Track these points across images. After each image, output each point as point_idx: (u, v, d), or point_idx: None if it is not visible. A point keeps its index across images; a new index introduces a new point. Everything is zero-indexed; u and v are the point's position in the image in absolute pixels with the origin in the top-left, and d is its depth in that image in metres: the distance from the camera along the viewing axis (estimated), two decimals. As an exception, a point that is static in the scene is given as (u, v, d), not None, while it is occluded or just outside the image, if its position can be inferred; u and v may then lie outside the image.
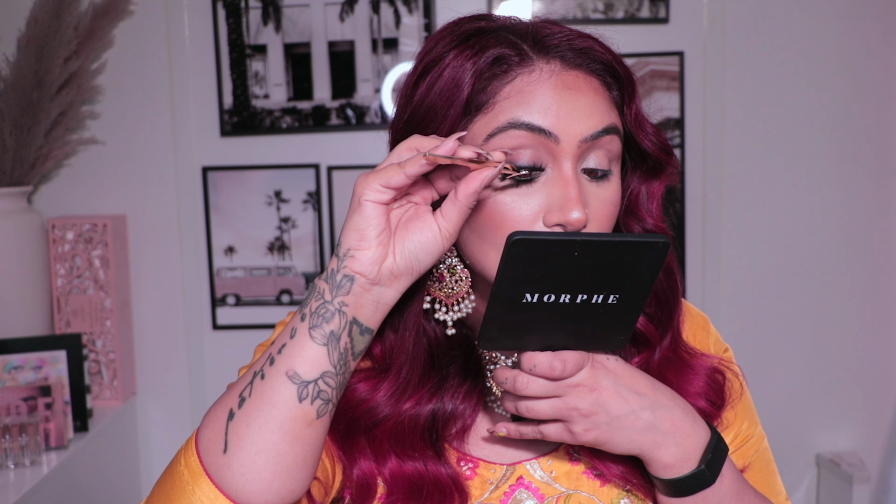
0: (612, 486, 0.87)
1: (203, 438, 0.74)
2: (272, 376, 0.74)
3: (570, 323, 0.74)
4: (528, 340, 0.75)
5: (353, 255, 0.73)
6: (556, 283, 0.70)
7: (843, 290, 2.22)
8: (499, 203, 0.79)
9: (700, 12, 2.11)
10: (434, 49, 0.83)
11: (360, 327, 0.75)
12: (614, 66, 0.82)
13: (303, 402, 0.73)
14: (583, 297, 0.71)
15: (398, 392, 0.85)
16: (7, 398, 1.75)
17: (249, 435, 0.72)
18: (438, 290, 0.85)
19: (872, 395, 2.25)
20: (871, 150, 2.18)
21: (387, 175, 0.72)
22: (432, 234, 0.75)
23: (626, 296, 0.72)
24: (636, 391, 0.79)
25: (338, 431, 0.85)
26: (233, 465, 0.72)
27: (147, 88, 2.12)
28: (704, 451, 0.80)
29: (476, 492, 0.86)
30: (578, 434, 0.78)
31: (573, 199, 0.77)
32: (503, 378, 0.79)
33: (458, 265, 0.85)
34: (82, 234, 2.01)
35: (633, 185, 0.88)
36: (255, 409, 0.73)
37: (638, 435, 0.79)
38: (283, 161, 2.13)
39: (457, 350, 0.88)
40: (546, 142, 0.77)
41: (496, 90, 0.79)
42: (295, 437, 0.73)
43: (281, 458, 0.73)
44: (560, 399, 0.77)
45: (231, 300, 2.17)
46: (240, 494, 0.72)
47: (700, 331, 0.96)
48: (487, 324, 0.73)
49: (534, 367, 0.76)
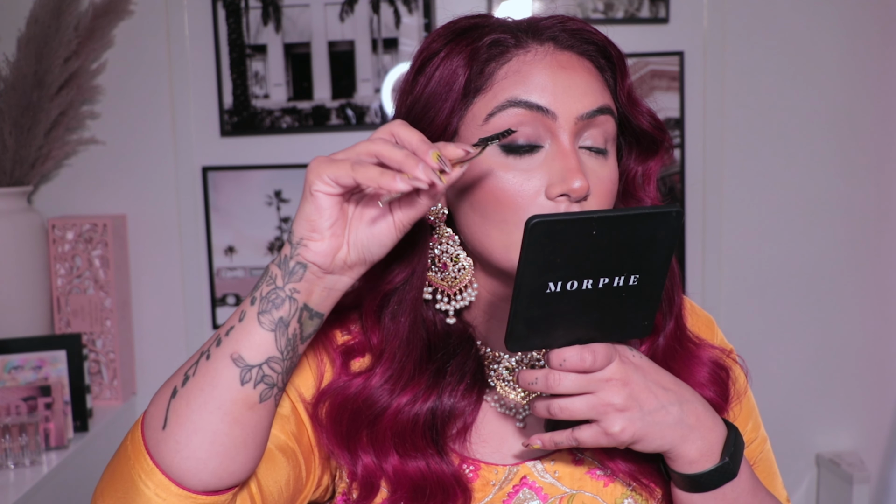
0: (616, 486, 0.87)
1: (147, 415, 0.75)
2: (217, 358, 0.73)
3: (594, 312, 0.73)
4: (555, 336, 0.75)
5: (305, 245, 0.72)
6: (578, 268, 0.70)
7: (843, 289, 2.22)
8: (500, 180, 0.79)
9: (700, 12, 2.11)
10: (431, 46, 0.84)
11: (311, 312, 0.75)
12: (605, 46, 0.84)
13: (245, 385, 0.73)
14: (605, 280, 0.71)
15: (393, 378, 0.84)
16: (7, 398, 1.75)
17: (188, 413, 0.72)
18: (441, 280, 0.85)
19: (872, 395, 2.25)
20: (871, 149, 2.19)
21: (337, 171, 0.70)
22: (386, 227, 0.74)
23: (646, 274, 0.72)
24: (663, 386, 0.79)
25: (340, 431, 0.84)
26: (169, 442, 0.72)
27: (147, 88, 2.11)
28: (725, 444, 0.80)
29: (479, 494, 0.86)
30: (616, 434, 0.76)
31: (574, 169, 0.78)
32: (532, 379, 0.77)
33: (461, 253, 0.85)
34: (82, 234, 2.01)
35: (630, 166, 0.89)
36: (197, 389, 0.73)
37: (668, 430, 0.78)
38: (283, 161, 2.13)
39: (455, 341, 0.87)
40: (544, 119, 0.79)
41: (493, 71, 0.81)
42: (234, 420, 0.73)
43: (218, 439, 0.73)
44: (594, 395, 0.76)
45: (231, 300, 2.17)
46: (174, 471, 0.72)
47: (705, 330, 0.97)
48: (514, 321, 0.72)
49: (563, 361, 0.75)
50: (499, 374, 0.89)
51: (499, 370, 0.89)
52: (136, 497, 0.72)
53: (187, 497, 0.72)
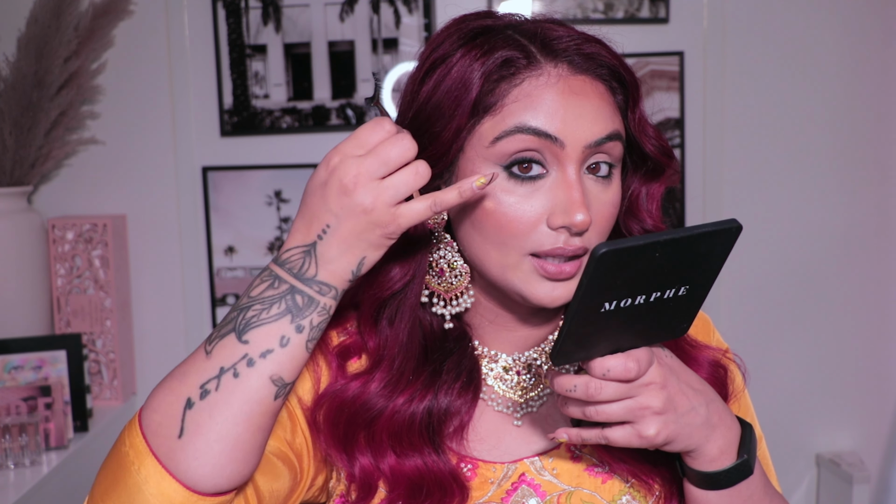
0: (614, 483, 0.87)
1: (151, 422, 0.74)
2: (251, 377, 0.73)
3: (641, 322, 0.73)
4: (599, 348, 0.74)
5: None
6: (635, 287, 0.69)
7: (843, 290, 2.22)
8: (503, 204, 0.79)
9: (700, 12, 2.11)
10: (441, 46, 0.83)
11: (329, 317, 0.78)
12: (620, 71, 0.83)
13: (277, 399, 0.75)
14: (657, 294, 0.71)
15: (391, 383, 0.85)
16: (7, 398, 1.75)
17: (212, 425, 0.72)
18: (437, 285, 0.85)
19: (872, 395, 2.25)
20: (870, 149, 2.19)
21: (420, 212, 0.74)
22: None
23: (696, 284, 0.72)
24: (692, 387, 0.79)
25: (337, 434, 0.85)
26: (187, 450, 0.72)
27: (147, 88, 2.11)
28: (741, 442, 0.81)
29: (477, 492, 0.86)
30: (651, 437, 0.75)
31: (577, 202, 0.78)
32: (571, 386, 0.75)
33: (459, 260, 0.85)
34: (82, 234, 2.01)
35: (634, 186, 0.88)
36: (224, 404, 0.73)
37: (696, 430, 0.78)
38: (283, 161, 2.13)
39: (452, 344, 0.87)
40: (552, 146, 0.78)
41: (504, 93, 0.79)
42: (258, 428, 0.75)
43: (240, 446, 0.73)
44: (633, 399, 0.75)
45: (231, 300, 2.17)
46: (189, 475, 0.72)
47: (702, 330, 0.97)
48: (564, 340, 0.71)
49: (607, 371, 0.73)
50: (496, 373, 0.89)
51: (496, 369, 0.89)
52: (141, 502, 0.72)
53: (197, 499, 0.72)
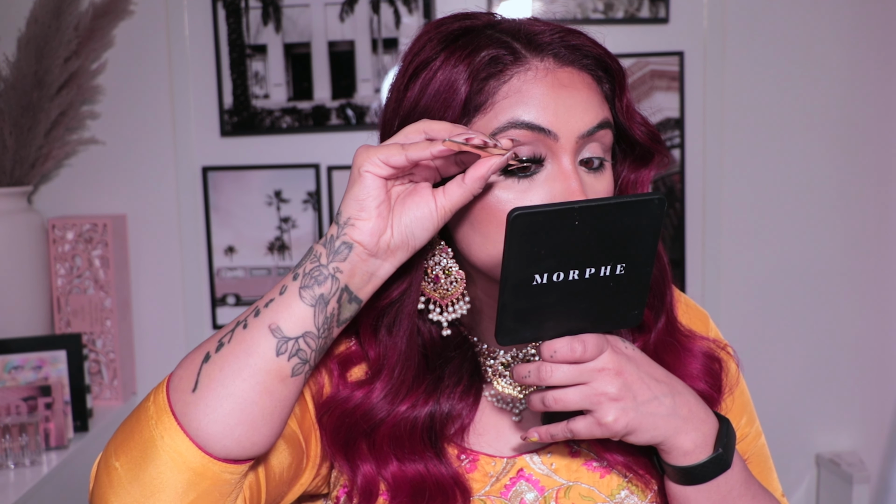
0: (612, 478, 0.87)
1: (175, 377, 0.75)
2: (254, 327, 0.75)
3: (583, 303, 0.74)
4: (546, 329, 0.75)
5: (353, 224, 0.75)
6: (563, 259, 0.70)
7: (843, 289, 2.22)
8: (500, 200, 0.79)
9: (700, 12, 2.11)
10: (423, 51, 0.83)
11: (350, 295, 0.77)
12: (605, 60, 0.83)
13: (280, 356, 0.75)
14: (591, 270, 0.72)
15: (392, 392, 0.85)
16: (7, 398, 1.75)
17: (221, 378, 0.73)
18: (433, 292, 0.85)
19: (872, 395, 2.25)
20: (871, 149, 2.19)
21: (388, 152, 0.74)
22: (429, 211, 0.76)
23: (633, 263, 0.73)
24: (655, 378, 0.80)
25: (339, 442, 0.85)
26: (199, 405, 0.73)
27: (147, 88, 2.12)
28: (718, 436, 0.81)
29: (477, 485, 0.86)
30: (609, 424, 0.77)
31: (575, 191, 0.78)
32: (525, 372, 0.78)
33: (454, 266, 0.85)
34: (82, 234, 2.01)
35: (624, 173, 0.89)
36: (232, 355, 0.74)
37: (662, 421, 0.78)
38: (283, 161, 2.13)
39: (452, 351, 0.88)
40: (545, 139, 0.79)
41: (493, 90, 0.80)
42: (265, 389, 0.74)
43: (248, 408, 0.74)
44: (587, 385, 0.77)
45: (231, 300, 2.17)
46: (200, 434, 0.72)
47: (699, 323, 0.97)
48: (502, 314, 0.73)
49: (554, 353, 0.76)
50: (495, 370, 0.90)
51: (495, 365, 0.90)
52: (154, 457, 0.72)
53: (207, 461, 0.73)
